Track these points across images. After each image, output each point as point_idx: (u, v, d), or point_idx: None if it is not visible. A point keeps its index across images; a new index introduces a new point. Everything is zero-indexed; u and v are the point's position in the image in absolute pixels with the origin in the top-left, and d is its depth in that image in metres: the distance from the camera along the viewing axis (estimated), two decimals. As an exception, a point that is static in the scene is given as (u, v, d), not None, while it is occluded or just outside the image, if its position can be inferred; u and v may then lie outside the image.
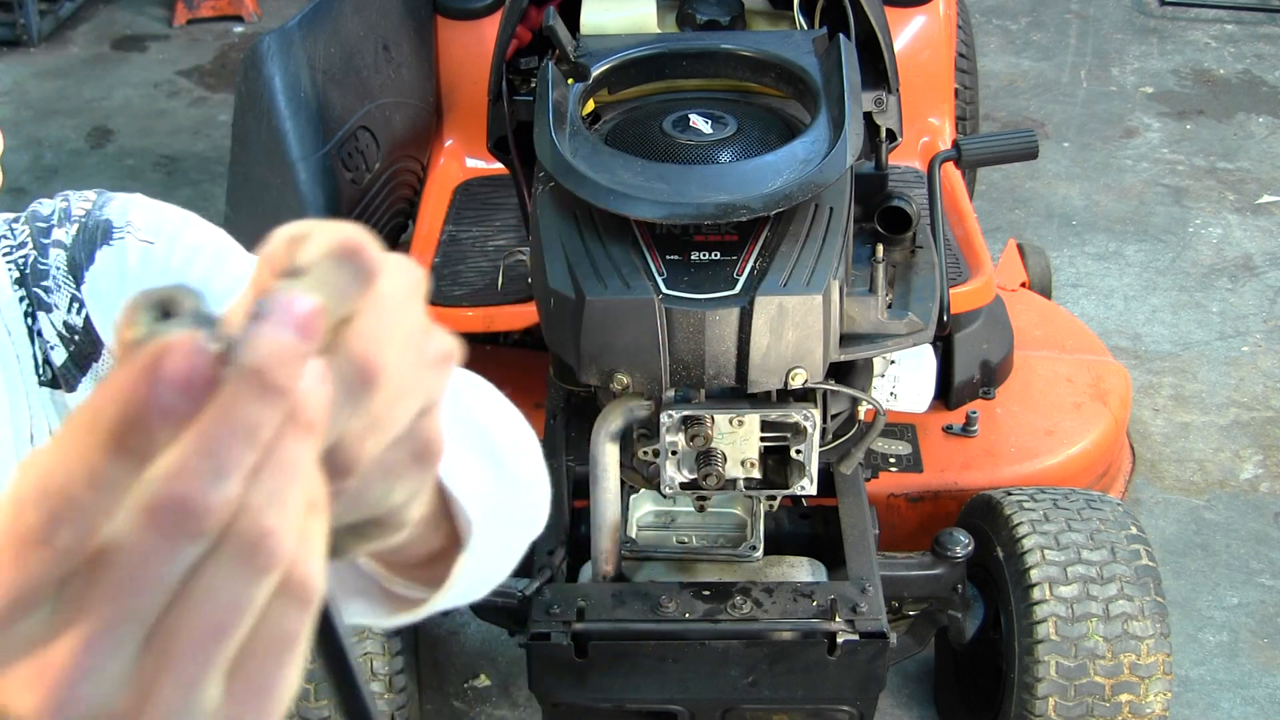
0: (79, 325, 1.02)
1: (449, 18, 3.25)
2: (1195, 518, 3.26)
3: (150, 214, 1.05)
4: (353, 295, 0.47)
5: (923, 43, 3.28)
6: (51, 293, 1.01)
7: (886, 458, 2.74)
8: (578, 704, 2.29)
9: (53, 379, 1.01)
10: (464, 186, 3.14)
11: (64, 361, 1.01)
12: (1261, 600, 3.05)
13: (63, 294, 1.02)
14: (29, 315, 1.01)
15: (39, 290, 1.01)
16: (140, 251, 1.02)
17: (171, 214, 1.06)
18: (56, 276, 1.02)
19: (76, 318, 1.02)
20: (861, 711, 2.31)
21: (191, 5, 5.79)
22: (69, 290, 1.02)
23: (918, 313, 2.26)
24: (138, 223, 1.03)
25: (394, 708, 2.41)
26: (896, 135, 2.52)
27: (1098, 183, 4.57)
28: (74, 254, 1.02)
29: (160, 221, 1.04)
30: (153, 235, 1.03)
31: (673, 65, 2.44)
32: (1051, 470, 2.77)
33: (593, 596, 2.22)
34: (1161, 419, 3.55)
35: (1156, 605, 2.34)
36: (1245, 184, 4.54)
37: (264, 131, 2.63)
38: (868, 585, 2.23)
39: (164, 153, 4.89)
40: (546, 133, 2.17)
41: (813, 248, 2.09)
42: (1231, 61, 5.31)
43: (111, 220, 1.03)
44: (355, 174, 2.80)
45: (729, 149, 2.19)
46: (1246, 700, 2.84)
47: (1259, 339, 3.83)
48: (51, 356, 1.01)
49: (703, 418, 2.08)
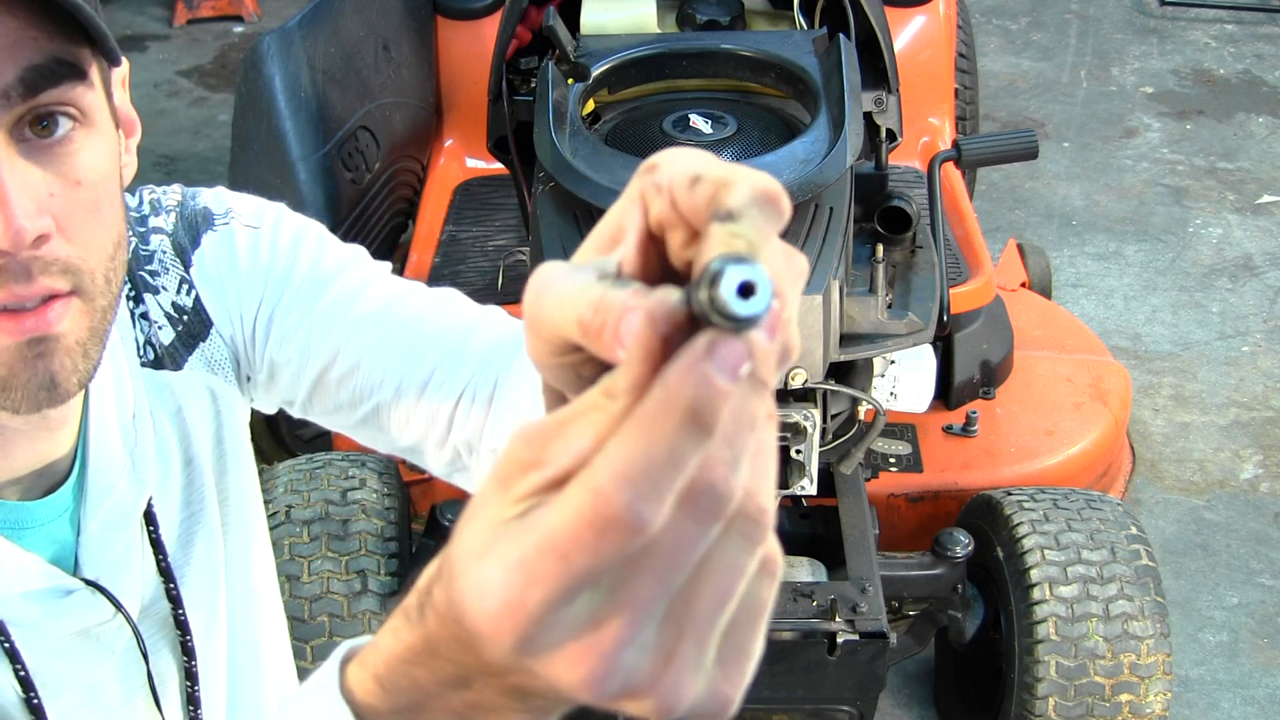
0: (188, 305, 1.04)
1: (449, 18, 3.25)
2: (1195, 518, 3.26)
3: (248, 202, 1.08)
4: (771, 235, 0.51)
5: (923, 43, 3.28)
6: (158, 275, 1.04)
7: (886, 458, 2.74)
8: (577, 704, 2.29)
9: (156, 359, 1.03)
10: (464, 186, 3.14)
11: (171, 340, 1.04)
12: (1261, 600, 3.05)
13: (171, 276, 1.04)
14: (132, 299, 1.03)
15: (144, 274, 1.03)
16: (249, 236, 1.05)
17: (265, 203, 1.09)
18: (163, 260, 1.04)
19: (186, 298, 1.04)
20: (861, 711, 2.31)
21: (191, 5, 5.79)
22: (178, 273, 1.04)
23: (918, 313, 2.26)
24: (240, 210, 1.07)
25: (394, 708, 2.41)
26: (896, 135, 2.52)
27: (1098, 183, 4.57)
28: (178, 239, 1.04)
29: (260, 209, 1.08)
30: (256, 221, 1.07)
31: (673, 65, 2.44)
32: (1051, 470, 2.77)
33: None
34: (1161, 419, 3.55)
35: (1156, 605, 2.34)
36: (1245, 184, 4.54)
37: (264, 131, 2.63)
38: (868, 585, 2.23)
39: (164, 153, 4.89)
40: (546, 133, 2.17)
41: (813, 248, 2.09)
42: (1231, 61, 5.31)
43: (210, 208, 1.06)
44: (355, 174, 2.80)
45: (729, 149, 2.19)
46: (1246, 700, 2.84)
47: (1259, 339, 3.83)
48: (159, 337, 1.03)
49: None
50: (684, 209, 0.52)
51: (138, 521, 0.99)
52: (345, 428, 1.09)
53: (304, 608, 2.36)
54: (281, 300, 1.05)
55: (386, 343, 1.04)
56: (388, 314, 1.05)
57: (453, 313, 1.07)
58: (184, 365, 1.04)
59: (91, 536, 0.97)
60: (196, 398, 1.05)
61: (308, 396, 1.07)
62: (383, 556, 2.40)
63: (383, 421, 1.06)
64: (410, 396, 1.03)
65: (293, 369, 1.06)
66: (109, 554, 0.97)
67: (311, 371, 1.05)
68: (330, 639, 2.35)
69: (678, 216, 0.52)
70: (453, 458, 1.04)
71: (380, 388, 1.04)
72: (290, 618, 2.38)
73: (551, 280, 0.54)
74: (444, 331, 1.05)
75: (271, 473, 2.58)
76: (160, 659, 1.02)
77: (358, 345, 1.04)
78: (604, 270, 0.54)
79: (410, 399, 1.03)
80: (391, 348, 1.04)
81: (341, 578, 2.37)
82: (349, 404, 1.06)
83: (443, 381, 1.03)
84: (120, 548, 0.98)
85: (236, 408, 1.08)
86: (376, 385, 1.04)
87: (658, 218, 0.53)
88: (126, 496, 0.98)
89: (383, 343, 1.04)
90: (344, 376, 1.05)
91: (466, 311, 1.07)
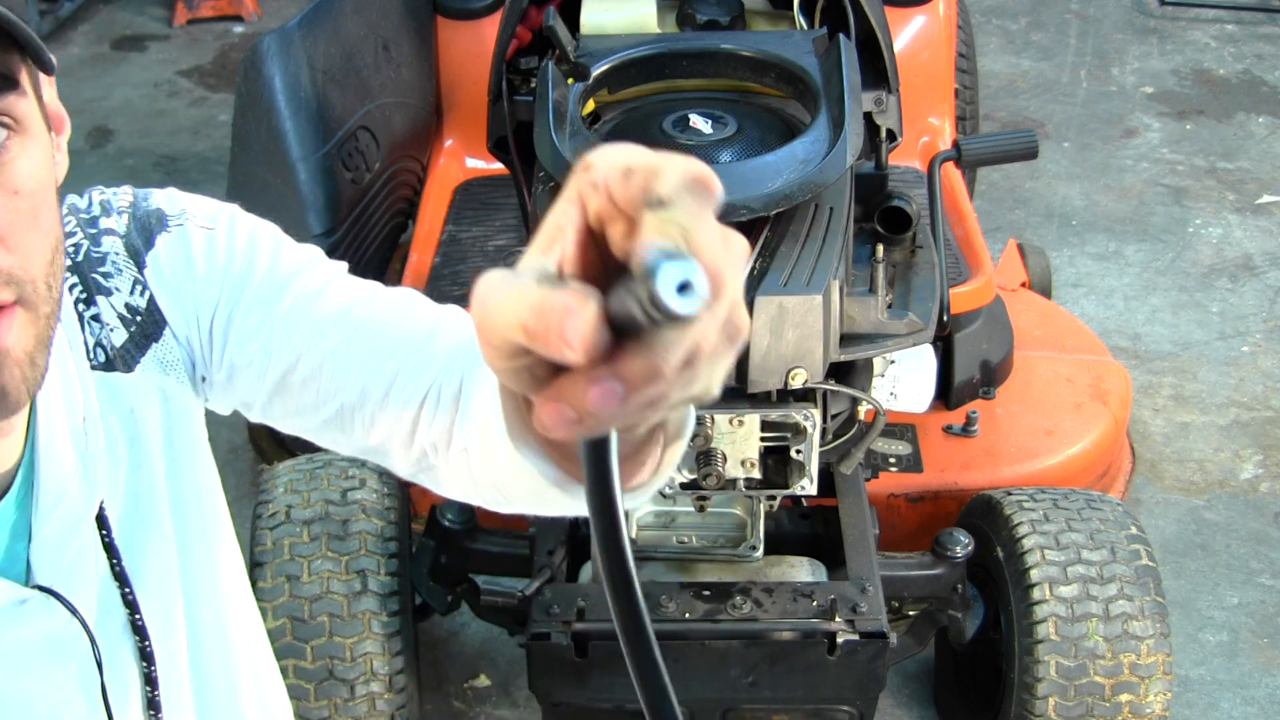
0: (141, 306, 1.04)
1: (449, 18, 3.25)
2: (1195, 518, 3.26)
3: (201, 203, 1.07)
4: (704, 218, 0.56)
5: (923, 43, 3.28)
6: (111, 277, 1.03)
7: (886, 458, 2.74)
8: (578, 704, 2.29)
9: (108, 361, 1.02)
10: (464, 186, 3.14)
11: (124, 342, 1.03)
12: (1261, 600, 3.05)
13: (124, 278, 1.04)
14: (83, 301, 1.02)
15: (97, 276, 1.03)
16: (204, 237, 1.05)
17: (219, 204, 1.08)
18: (116, 262, 1.03)
19: (140, 299, 1.04)
20: (861, 711, 2.31)
21: (191, 5, 5.79)
22: (131, 274, 1.04)
23: (918, 313, 2.26)
24: (194, 211, 1.06)
25: (394, 708, 2.41)
26: (896, 135, 2.52)
27: (1098, 183, 4.57)
28: (130, 240, 1.04)
29: (214, 210, 1.07)
30: (210, 222, 1.06)
31: (673, 65, 2.44)
32: (1051, 470, 2.77)
33: (593, 596, 2.22)
34: (1161, 419, 3.55)
35: (1156, 605, 2.34)
36: (1245, 184, 4.54)
37: (264, 131, 2.63)
38: (868, 585, 2.23)
39: (164, 153, 4.89)
40: (546, 133, 2.17)
41: (813, 248, 2.09)
42: (1231, 61, 5.31)
43: (163, 209, 1.06)
44: (355, 174, 2.80)
45: (729, 149, 2.18)
46: (1246, 700, 2.84)
47: (1259, 339, 3.83)
48: (110, 339, 1.03)
49: (703, 417, 2.08)
50: (620, 201, 0.55)
51: (90, 526, 0.99)
52: (307, 431, 1.09)
53: (304, 608, 2.36)
54: (240, 302, 1.04)
55: (350, 345, 1.03)
56: (349, 316, 1.05)
57: (415, 314, 1.06)
58: (135, 367, 1.03)
59: (44, 542, 0.96)
60: (148, 399, 1.04)
61: (268, 399, 1.07)
62: (383, 556, 2.40)
63: (346, 424, 1.05)
64: (375, 399, 1.03)
65: (253, 371, 1.05)
66: (62, 560, 0.97)
67: (273, 374, 1.05)
68: (330, 639, 2.35)
69: (615, 209, 0.55)
70: (419, 458, 1.04)
71: (344, 390, 1.04)
72: (290, 618, 2.39)
73: (494, 288, 0.56)
74: (407, 333, 1.04)
75: (271, 473, 2.58)
76: (120, 665, 1.02)
77: (320, 347, 1.04)
78: (544, 272, 0.56)
79: (375, 401, 1.03)
80: (355, 350, 1.03)
81: (341, 578, 2.37)
82: (312, 407, 1.05)
83: (407, 383, 1.02)
84: (73, 553, 0.97)
85: (189, 409, 1.07)
86: (340, 388, 1.04)
87: (596, 213, 0.56)
88: (79, 501, 0.97)
89: (346, 345, 1.03)
90: (307, 379, 1.04)
91: (428, 312, 1.07)
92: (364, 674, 2.36)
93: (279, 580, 2.38)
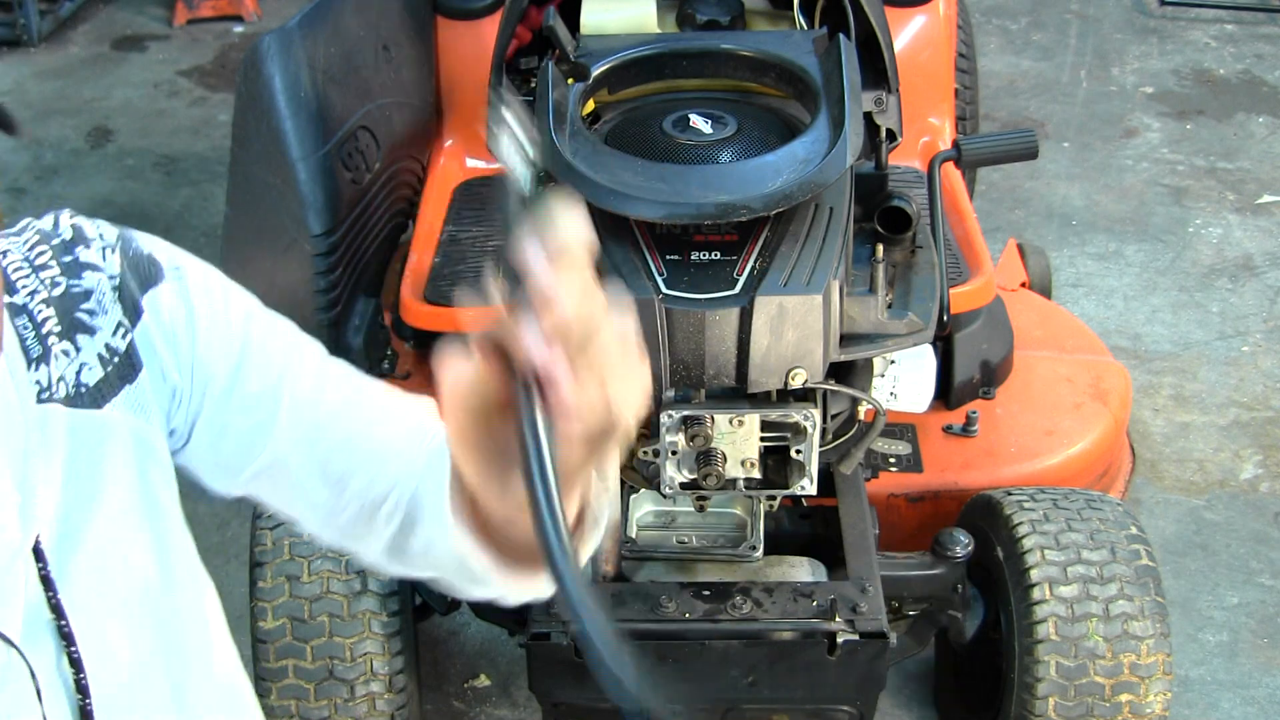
0: (121, 349, 1.03)
1: (449, 18, 3.24)
2: (1195, 518, 3.26)
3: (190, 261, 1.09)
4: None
5: (923, 43, 3.28)
6: (95, 315, 1.02)
7: (886, 458, 2.74)
8: (578, 704, 2.29)
9: (77, 396, 1.01)
10: (464, 186, 3.13)
11: (97, 381, 1.02)
12: (1261, 600, 3.05)
13: (109, 318, 1.02)
14: (54, 335, 1.01)
15: (82, 314, 1.02)
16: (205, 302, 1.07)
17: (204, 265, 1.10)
18: (101, 301, 1.03)
19: (120, 341, 1.03)
20: (861, 711, 2.31)
21: (191, 5, 5.79)
22: (116, 315, 1.03)
23: (918, 313, 2.26)
24: (190, 270, 1.07)
25: (394, 708, 2.41)
26: (896, 135, 2.52)
27: (1098, 183, 4.57)
28: (125, 283, 1.03)
29: (205, 272, 1.09)
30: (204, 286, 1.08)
31: (673, 65, 2.44)
32: (1051, 470, 2.77)
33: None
34: (1161, 419, 3.55)
35: (1156, 605, 2.34)
36: (1245, 184, 4.54)
37: (264, 131, 2.63)
38: (868, 585, 2.23)
39: (164, 153, 4.89)
40: (546, 133, 2.17)
41: (813, 248, 2.09)
42: (1231, 61, 5.31)
43: (155, 257, 1.06)
44: (355, 174, 2.79)
45: (729, 149, 2.18)
46: (1246, 700, 2.84)
47: (1259, 339, 3.83)
48: (84, 376, 1.01)
49: (703, 418, 2.08)
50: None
51: (27, 559, 0.97)
52: (230, 488, 1.13)
53: (304, 608, 2.36)
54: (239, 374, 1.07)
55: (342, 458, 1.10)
56: (340, 424, 1.10)
57: (397, 417, 1.13)
58: (105, 405, 1.02)
59: None
60: (116, 436, 1.03)
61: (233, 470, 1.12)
62: (383, 556, 2.40)
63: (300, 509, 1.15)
64: (353, 507, 1.11)
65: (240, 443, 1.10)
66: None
67: (259, 461, 1.10)
68: (330, 639, 2.35)
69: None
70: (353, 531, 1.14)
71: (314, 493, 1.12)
72: (290, 618, 2.39)
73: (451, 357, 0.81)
74: (398, 447, 1.11)
75: (272, 473, 2.57)
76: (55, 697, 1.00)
77: (313, 457, 1.10)
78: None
79: (353, 509, 1.11)
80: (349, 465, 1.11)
81: (341, 578, 2.37)
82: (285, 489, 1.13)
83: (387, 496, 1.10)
84: (7, 585, 0.96)
85: (157, 449, 1.07)
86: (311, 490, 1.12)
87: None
88: (14, 535, 0.96)
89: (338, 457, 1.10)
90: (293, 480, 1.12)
91: (408, 416, 1.13)
92: (364, 674, 2.37)
93: (279, 580, 2.38)
